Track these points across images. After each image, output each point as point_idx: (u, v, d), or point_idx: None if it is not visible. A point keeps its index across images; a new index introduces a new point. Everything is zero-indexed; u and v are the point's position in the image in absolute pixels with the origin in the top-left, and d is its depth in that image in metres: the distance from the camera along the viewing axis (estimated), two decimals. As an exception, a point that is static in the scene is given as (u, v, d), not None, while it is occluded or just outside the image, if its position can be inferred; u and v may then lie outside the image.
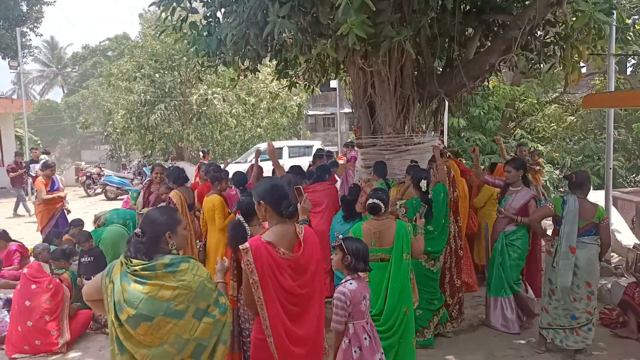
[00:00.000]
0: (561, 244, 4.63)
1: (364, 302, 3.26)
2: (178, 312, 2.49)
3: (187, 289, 2.50)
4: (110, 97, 23.75)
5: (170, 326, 2.48)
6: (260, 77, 21.85)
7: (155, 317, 2.46)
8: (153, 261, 2.54)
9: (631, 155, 15.01)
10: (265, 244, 2.77)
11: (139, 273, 2.51)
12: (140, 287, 2.48)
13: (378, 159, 7.00)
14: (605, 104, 6.70)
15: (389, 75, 6.69)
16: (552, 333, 4.76)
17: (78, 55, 50.24)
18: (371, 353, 3.25)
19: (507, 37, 6.37)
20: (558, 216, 4.73)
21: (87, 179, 18.63)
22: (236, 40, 5.95)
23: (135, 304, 2.46)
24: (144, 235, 2.60)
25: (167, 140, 21.72)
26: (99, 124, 28.40)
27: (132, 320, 2.45)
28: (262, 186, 2.96)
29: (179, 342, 2.50)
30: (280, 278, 2.75)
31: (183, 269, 2.53)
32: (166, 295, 2.48)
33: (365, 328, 3.27)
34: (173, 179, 6.20)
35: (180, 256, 2.63)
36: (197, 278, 2.54)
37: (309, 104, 31.18)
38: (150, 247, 2.59)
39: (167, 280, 2.49)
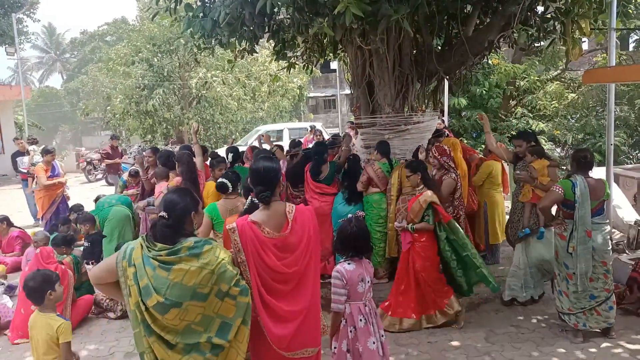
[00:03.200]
0: (577, 229, 4.50)
1: (361, 283, 3.26)
2: (203, 294, 2.55)
3: (209, 271, 2.54)
4: (109, 83, 23.63)
5: (196, 309, 2.55)
6: (259, 59, 21.71)
7: (183, 303, 2.51)
8: (177, 245, 2.57)
9: (633, 131, 14.90)
10: (250, 224, 2.81)
11: (164, 259, 2.54)
12: (165, 272, 2.51)
13: (377, 138, 6.98)
14: (606, 79, 6.62)
15: (387, 54, 6.62)
16: (573, 318, 4.65)
17: (76, 41, 49.94)
18: (365, 335, 3.25)
19: (506, 13, 6.29)
20: (569, 200, 4.55)
21: (87, 164, 18.65)
22: (230, 20, 5.88)
23: (163, 290, 2.50)
24: (170, 217, 2.61)
25: (167, 125, 21.67)
26: (99, 109, 28.28)
27: (161, 306, 2.49)
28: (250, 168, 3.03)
29: (205, 321, 2.57)
30: (265, 257, 2.78)
31: (206, 250, 2.58)
32: (192, 280, 2.52)
33: (361, 310, 3.27)
34: (162, 162, 6.19)
35: (204, 239, 2.67)
36: (219, 260, 2.58)
37: (310, 86, 31.04)
38: (177, 229, 2.62)
39: (191, 264, 2.53)
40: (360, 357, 3.25)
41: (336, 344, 3.30)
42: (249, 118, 23.40)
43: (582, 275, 4.53)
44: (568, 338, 4.70)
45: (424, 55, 6.94)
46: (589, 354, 4.42)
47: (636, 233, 6.77)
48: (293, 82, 24.12)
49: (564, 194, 4.57)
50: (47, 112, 45.72)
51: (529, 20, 6.58)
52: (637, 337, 4.65)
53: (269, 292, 2.82)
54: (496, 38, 6.65)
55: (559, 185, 4.67)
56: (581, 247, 4.51)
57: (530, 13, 6.64)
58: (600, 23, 7.25)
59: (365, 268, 3.33)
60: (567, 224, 4.62)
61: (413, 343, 4.77)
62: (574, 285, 4.62)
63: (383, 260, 6.20)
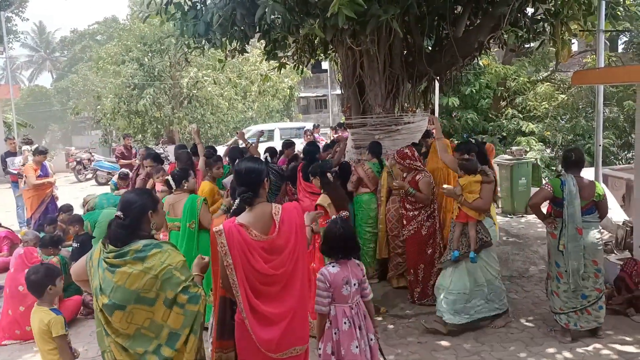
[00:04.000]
0: (567, 226, 4.53)
1: (346, 286, 3.22)
2: (149, 299, 2.50)
3: (153, 276, 2.49)
4: (99, 82, 23.49)
5: (144, 312, 2.50)
6: (250, 59, 21.67)
7: (127, 306, 2.48)
8: (125, 247, 2.53)
9: (622, 132, 15.02)
10: (237, 226, 2.78)
11: (111, 261, 2.52)
12: (110, 275, 2.50)
13: (368, 139, 6.99)
14: (595, 80, 6.67)
15: (377, 55, 6.64)
16: (564, 318, 4.67)
17: (67, 40, 49.58)
18: (348, 338, 3.22)
19: (495, 14, 6.33)
20: (558, 198, 4.59)
21: (77, 164, 18.51)
22: (222, 21, 5.88)
23: (108, 292, 2.49)
24: (126, 217, 2.58)
25: (157, 124, 21.56)
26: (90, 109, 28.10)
27: (106, 308, 2.49)
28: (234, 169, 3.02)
29: (154, 326, 2.52)
30: (252, 260, 2.75)
31: (153, 254, 2.53)
32: (135, 284, 2.48)
33: (346, 312, 3.23)
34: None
35: (155, 242, 2.61)
36: (164, 265, 2.52)
37: (301, 86, 31.00)
38: (132, 229, 2.58)
39: (135, 267, 2.49)
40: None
41: (322, 346, 3.28)
42: (240, 118, 23.33)
43: (574, 273, 4.55)
44: (557, 338, 4.72)
45: (415, 56, 6.97)
46: (578, 354, 4.44)
47: (624, 233, 6.81)
48: (284, 82, 24.09)
49: (553, 192, 4.62)
50: (36, 111, 45.33)
51: (518, 22, 6.63)
52: (625, 337, 4.68)
53: (256, 295, 2.79)
54: (486, 39, 6.69)
55: (548, 183, 4.73)
56: (572, 244, 4.54)
57: (520, 14, 6.69)
58: (589, 25, 7.31)
59: (352, 270, 3.29)
60: (557, 222, 4.65)
61: (402, 343, 4.78)
62: (564, 284, 4.64)
63: (373, 261, 6.21)
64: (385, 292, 5.98)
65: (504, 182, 9.66)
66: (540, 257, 7.07)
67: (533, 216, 9.34)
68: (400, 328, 5.12)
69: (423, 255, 5.51)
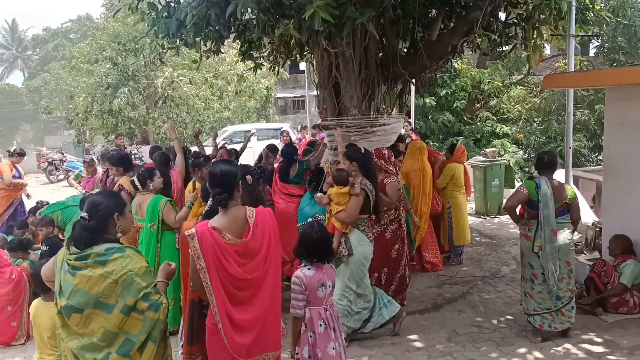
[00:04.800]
0: (543, 228, 4.59)
1: (321, 289, 3.23)
2: (107, 305, 2.47)
3: (113, 281, 2.46)
4: (72, 81, 23.05)
5: (100, 319, 2.47)
6: (227, 59, 21.52)
7: (85, 309, 2.46)
8: (88, 250, 2.50)
9: (593, 135, 15.36)
10: (210, 230, 2.75)
11: (72, 263, 2.49)
12: (71, 277, 2.47)
13: (344, 140, 6.99)
14: (565, 83, 6.80)
15: (353, 57, 6.64)
16: (539, 319, 4.72)
17: (39, 38, 48.58)
18: (325, 341, 3.23)
19: (469, 18, 6.39)
20: (533, 200, 4.64)
21: (49, 165, 18.18)
22: (196, 21, 5.82)
23: (67, 294, 2.46)
24: (91, 219, 2.54)
25: (132, 124, 21.26)
26: (62, 108, 27.54)
27: (64, 310, 2.47)
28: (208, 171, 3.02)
29: (107, 336, 2.48)
30: (226, 264, 2.74)
31: (114, 258, 2.49)
32: (94, 288, 2.45)
33: (321, 315, 3.24)
34: (121, 165, 6.04)
35: (118, 246, 2.57)
36: (125, 270, 2.48)
37: (278, 87, 30.93)
38: (97, 231, 2.54)
39: (95, 271, 2.46)
40: None
41: (299, 350, 3.27)
42: (216, 118, 23.14)
43: (553, 274, 4.60)
44: (528, 338, 4.80)
45: (390, 59, 6.99)
46: (548, 354, 4.51)
47: (594, 234, 6.96)
48: (261, 82, 23.98)
49: (528, 194, 4.66)
50: (7, 110, 44.31)
51: (491, 26, 6.71)
52: (594, 337, 4.77)
53: (230, 299, 2.77)
54: (459, 42, 6.76)
55: (523, 185, 4.76)
56: (549, 245, 4.60)
57: (493, 19, 6.77)
58: (560, 29, 7.44)
59: (327, 272, 3.31)
60: (531, 224, 4.70)
61: (377, 345, 4.79)
62: (539, 286, 4.69)
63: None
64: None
65: (478, 183, 9.78)
66: (513, 258, 7.18)
67: (506, 217, 9.49)
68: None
69: (387, 259, 5.48)
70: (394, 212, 5.48)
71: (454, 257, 7.00)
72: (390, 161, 5.53)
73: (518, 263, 6.89)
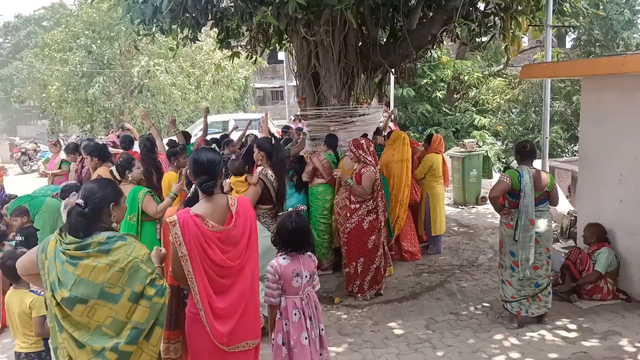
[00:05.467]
0: (521, 217, 4.62)
1: (296, 278, 3.20)
2: (113, 295, 2.40)
3: (119, 269, 2.40)
4: (46, 70, 22.57)
5: (106, 310, 2.40)
6: (204, 48, 21.28)
7: (89, 300, 2.38)
8: (88, 239, 2.42)
9: (569, 126, 15.60)
10: (193, 217, 2.70)
11: (72, 253, 2.40)
12: (72, 267, 2.38)
13: (323, 130, 6.98)
14: (542, 74, 6.87)
15: (332, 45, 6.62)
16: (517, 305, 4.77)
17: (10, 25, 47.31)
18: (298, 329, 3.21)
19: (448, 7, 6.41)
20: (515, 190, 4.66)
21: (22, 155, 17.79)
22: (173, 7, 5.72)
23: (69, 285, 2.37)
24: (86, 206, 2.47)
25: (107, 114, 20.92)
26: (35, 97, 26.97)
27: (67, 301, 2.37)
28: (190, 158, 2.95)
29: (116, 325, 2.42)
30: (209, 251, 2.70)
31: (117, 246, 2.43)
32: (99, 277, 2.38)
33: (296, 304, 3.22)
34: (97, 155, 5.91)
35: (119, 234, 2.52)
36: (131, 258, 2.43)
37: (257, 77, 30.72)
38: (92, 220, 2.47)
39: (100, 260, 2.38)
40: (292, 351, 3.23)
41: (274, 336, 3.26)
42: (193, 108, 22.90)
43: (524, 262, 4.65)
44: (504, 325, 4.85)
45: (369, 48, 6.99)
46: (524, 340, 4.57)
47: (569, 223, 7.06)
48: (239, 72, 23.78)
49: (511, 184, 4.67)
50: (-23, 99, 43.18)
51: (470, 15, 6.74)
52: (569, 324, 4.85)
53: (212, 287, 2.74)
54: (439, 32, 6.78)
55: (506, 175, 4.75)
56: (523, 234, 4.64)
57: (472, 8, 6.80)
58: (537, 20, 7.51)
59: (304, 263, 3.27)
60: (513, 213, 4.73)
61: (356, 332, 4.80)
62: (519, 273, 4.73)
63: (328, 252, 6.21)
64: (339, 282, 6.00)
65: (456, 173, 9.85)
66: (490, 247, 7.25)
67: (483, 207, 9.60)
68: (353, 318, 5.14)
69: (363, 249, 5.50)
70: (371, 203, 5.48)
71: (432, 247, 7.04)
72: (369, 151, 5.50)
73: (495, 252, 6.99)
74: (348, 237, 5.65)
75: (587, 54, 16.03)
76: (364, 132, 6.87)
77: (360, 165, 5.49)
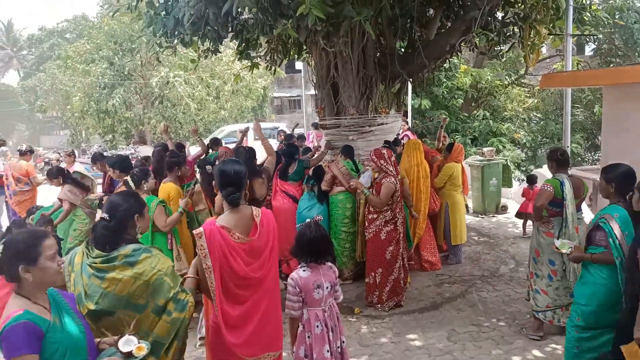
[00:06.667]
0: (568, 226, 4.51)
1: (318, 290, 3.20)
2: (138, 305, 2.45)
3: (143, 282, 2.44)
4: (68, 81, 23.01)
5: (131, 320, 2.43)
6: (224, 59, 21.51)
7: (116, 312, 2.43)
8: (114, 252, 2.47)
9: (590, 135, 15.43)
10: (219, 229, 2.73)
11: (98, 266, 2.45)
12: (98, 281, 2.43)
13: (342, 140, 7.01)
14: (563, 83, 6.83)
15: (351, 56, 6.66)
16: (550, 314, 4.70)
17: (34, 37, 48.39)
18: (320, 342, 3.20)
19: (467, 17, 6.41)
20: (557, 198, 4.53)
21: (45, 165, 18.10)
22: (194, 20, 5.82)
23: (95, 298, 2.41)
24: (111, 219, 2.52)
25: (128, 124, 21.22)
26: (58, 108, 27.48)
27: (93, 314, 2.41)
28: (215, 170, 2.97)
29: (140, 333, 2.45)
30: (233, 263, 2.72)
31: (142, 259, 2.47)
32: (125, 290, 2.42)
33: (318, 316, 3.22)
34: (118, 167, 5.83)
35: (144, 246, 2.56)
36: (155, 271, 2.47)
37: (275, 86, 30.92)
38: (118, 232, 2.53)
39: (125, 273, 2.43)
40: None
41: (295, 349, 3.27)
42: (212, 118, 23.12)
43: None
44: (527, 336, 4.80)
45: (388, 58, 7.01)
46: (547, 352, 4.53)
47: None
48: (257, 82, 23.98)
49: (554, 193, 4.55)
50: (2, 110, 44.13)
51: (489, 25, 6.72)
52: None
53: (230, 298, 2.76)
54: (457, 42, 6.77)
55: (548, 183, 4.61)
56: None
57: (491, 18, 6.78)
58: (557, 29, 7.47)
59: (324, 274, 3.27)
60: (554, 222, 4.63)
61: (376, 344, 4.79)
62: (556, 282, 4.64)
63: (348, 261, 6.20)
64: (359, 292, 5.99)
65: (475, 182, 9.79)
66: (511, 257, 7.19)
67: (503, 216, 9.52)
68: (374, 328, 5.14)
69: (382, 260, 5.49)
70: (389, 214, 5.47)
71: (452, 257, 7.00)
72: (390, 161, 5.51)
73: (516, 262, 6.93)
74: (367, 247, 5.67)
75: (607, 63, 15.84)
76: (382, 142, 6.88)
77: (381, 175, 5.49)
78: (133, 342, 2.26)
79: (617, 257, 3.43)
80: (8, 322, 2.01)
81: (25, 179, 8.68)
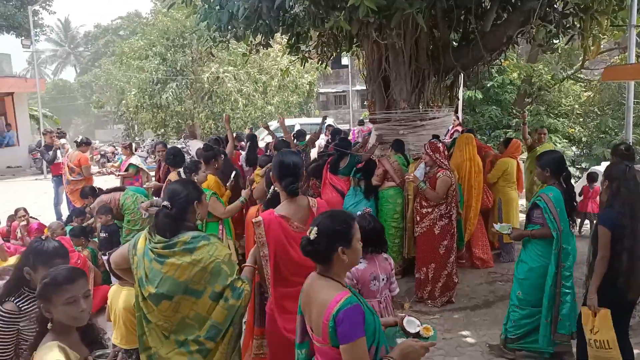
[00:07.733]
0: None
1: (374, 281, 3.22)
2: (197, 291, 2.51)
3: (201, 268, 2.49)
4: (122, 76, 23.77)
5: (189, 303, 2.51)
6: (271, 54, 21.70)
7: (174, 296, 2.49)
8: (174, 239, 2.53)
9: (650, 129, 14.75)
10: (278, 218, 2.78)
11: (159, 251, 2.53)
12: (159, 265, 2.50)
13: (392, 134, 6.95)
14: (626, 76, 6.54)
15: (403, 49, 6.58)
16: None
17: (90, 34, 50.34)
18: None
19: (525, 8, 6.22)
20: None
21: (101, 157, 18.82)
22: (248, 14, 5.88)
23: (156, 282, 2.49)
24: (172, 207, 2.58)
25: (178, 119, 21.73)
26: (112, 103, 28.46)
27: (153, 297, 2.49)
28: (274, 161, 3.02)
29: (198, 319, 2.53)
30: (291, 250, 2.76)
31: (201, 246, 2.53)
32: (184, 275, 2.48)
33: (375, 307, 3.22)
34: (170, 162, 5.93)
35: (203, 234, 2.62)
36: (212, 258, 2.52)
37: (320, 82, 30.95)
38: (179, 219, 2.59)
39: (183, 259, 2.49)
40: None
41: None
42: (259, 114, 23.39)
43: None
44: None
45: (441, 50, 6.89)
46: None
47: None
48: (304, 77, 24.06)
49: None
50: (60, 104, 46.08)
51: (548, 16, 6.49)
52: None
53: (284, 285, 2.80)
54: (515, 34, 6.57)
55: None
56: None
57: (550, 9, 6.55)
58: (619, 20, 7.16)
59: (380, 265, 3.28)
60: None
61: (427, 339, 4.73)
62: None
63: (398, 257, 6.15)
64: (408, 287, 5.93)
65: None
66: (566, 256, 6.95)
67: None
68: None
69: (435, 255, 5.42)
70: (444, 208, 5.38)
71: (504, 254, 6.83)
72: (445, 155, 5.44)
73: (572, 261, 6.69)
74: (418, 242, 5.60)
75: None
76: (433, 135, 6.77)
77: (436, 169, 5.42)
78: (415, 323, 2.37)
79: (554, 230, 3.86)
80: (343, 303, 2.01)
81: (77, 170, 8.96)
